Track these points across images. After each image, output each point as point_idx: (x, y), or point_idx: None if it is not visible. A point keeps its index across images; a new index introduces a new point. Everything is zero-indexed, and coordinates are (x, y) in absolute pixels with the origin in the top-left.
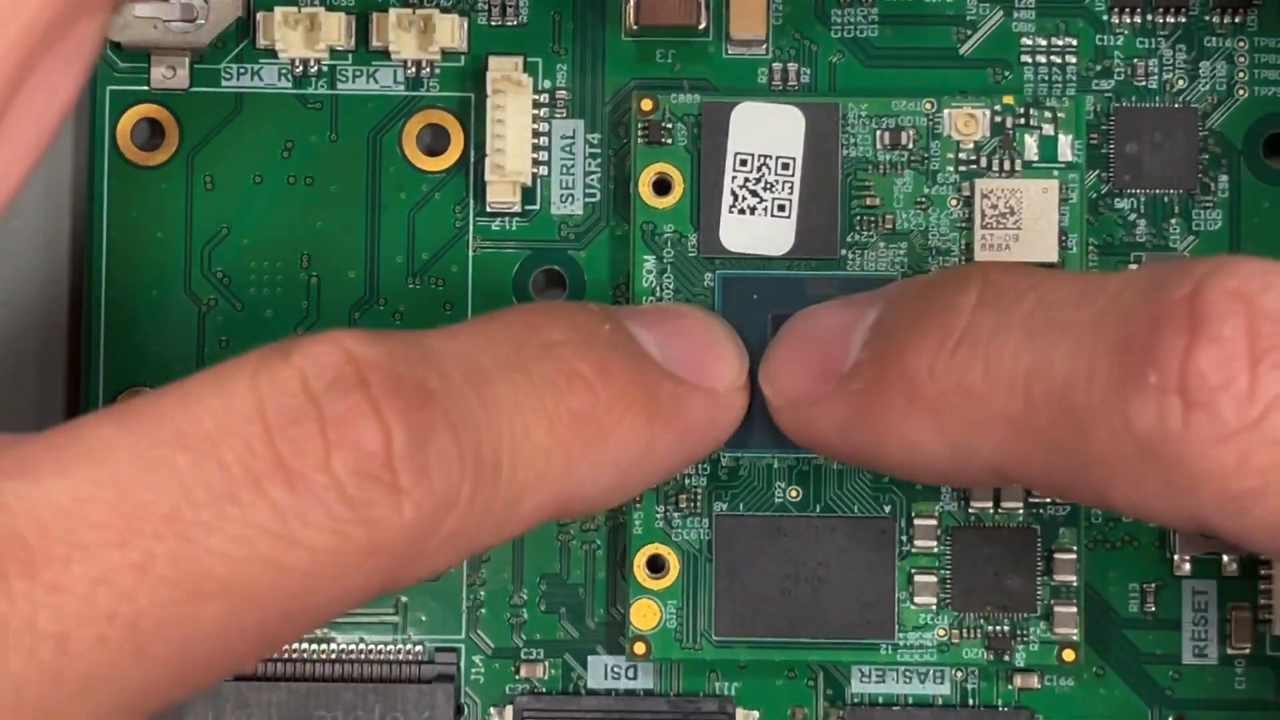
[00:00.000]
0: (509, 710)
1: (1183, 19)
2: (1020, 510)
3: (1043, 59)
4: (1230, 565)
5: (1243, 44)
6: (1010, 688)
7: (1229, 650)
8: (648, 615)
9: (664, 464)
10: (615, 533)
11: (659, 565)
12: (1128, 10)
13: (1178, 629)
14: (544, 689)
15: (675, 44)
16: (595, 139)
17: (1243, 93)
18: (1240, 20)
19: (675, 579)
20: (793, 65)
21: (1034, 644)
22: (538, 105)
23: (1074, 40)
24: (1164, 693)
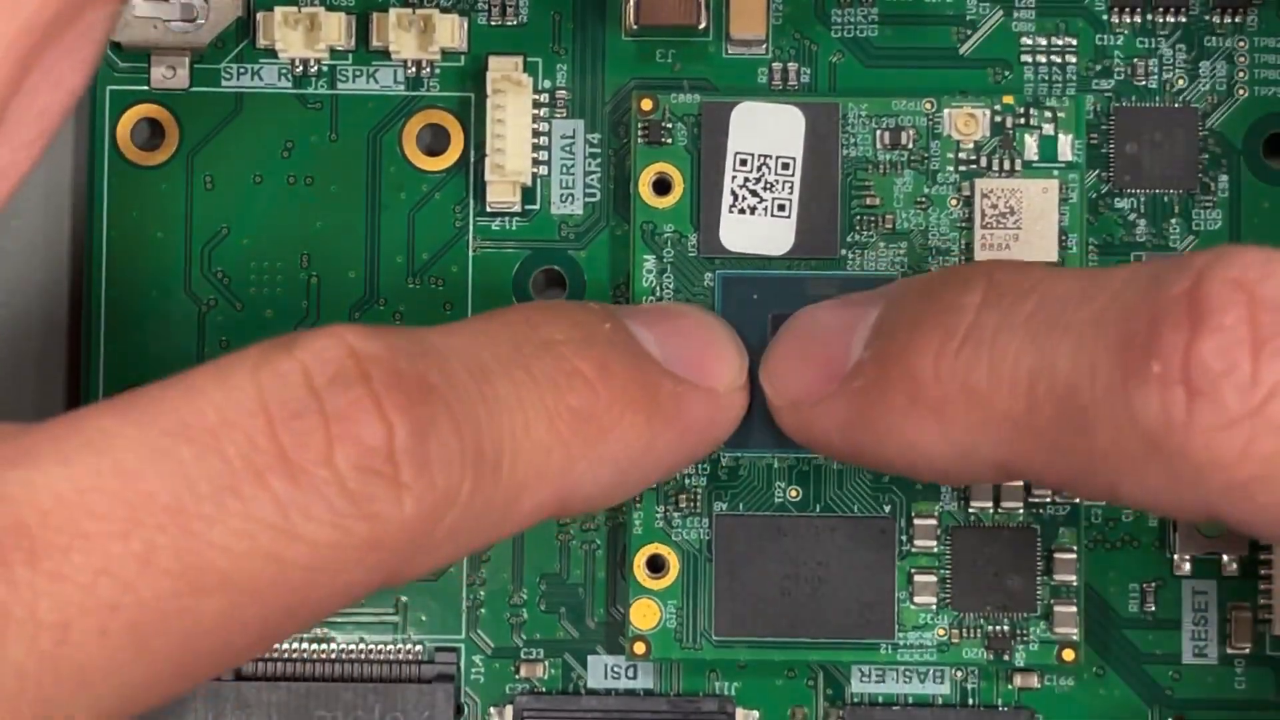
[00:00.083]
0: (509, 710)
1: (1183, 19)
2: (1020, 510)
3: (1043, 59)
4: (1230, 565)
5: (1243, 44)
6: (1010, 687)
7: (1229, 650)
8: (648, 615)
9: (664, 463)
10: (615, 532)
11: (659, 565)
12: (1128, 10)
13: (1178, 629)
14: (544, 689)
15: (675, 44)
16: (595, 139)
17: (1243, 93)
18: (1240, 20)
19: (675, 579)
20: (793, 65)
21: (1034, 644)
22: (538, 105)
23: (1074, 40)
24: (1164, 693)
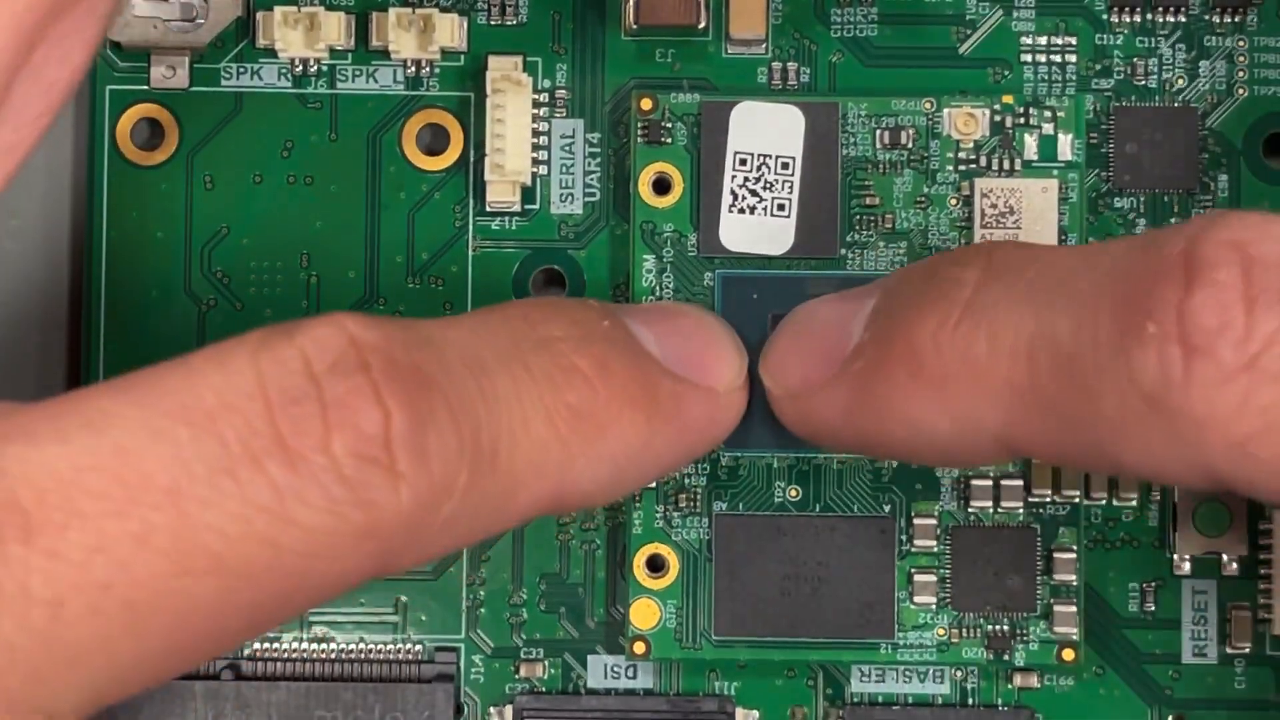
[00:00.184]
0: (509, 710)
1: (1183, 18)
2: (1020, 510)
3: (1042, 58)
4: (1230, 565)
5: (1243, 43)
6: (1010, 687)
7: (1229, 650)
8: (647, 615)
9: (661, 461)
10: (615, 532)
11: (659, 565)
12: (1127, 9)
13: (1177, 629)
14: (544, 689)
15: (675, 43)
16: (595, 138)
17: (1243, 92)
18: (1240, 20)
19: (675, 579)
20: (792, 65)
21: (1034, 643)
22: (537, 105)
23: (1074, 40)
24: (1164, 692)
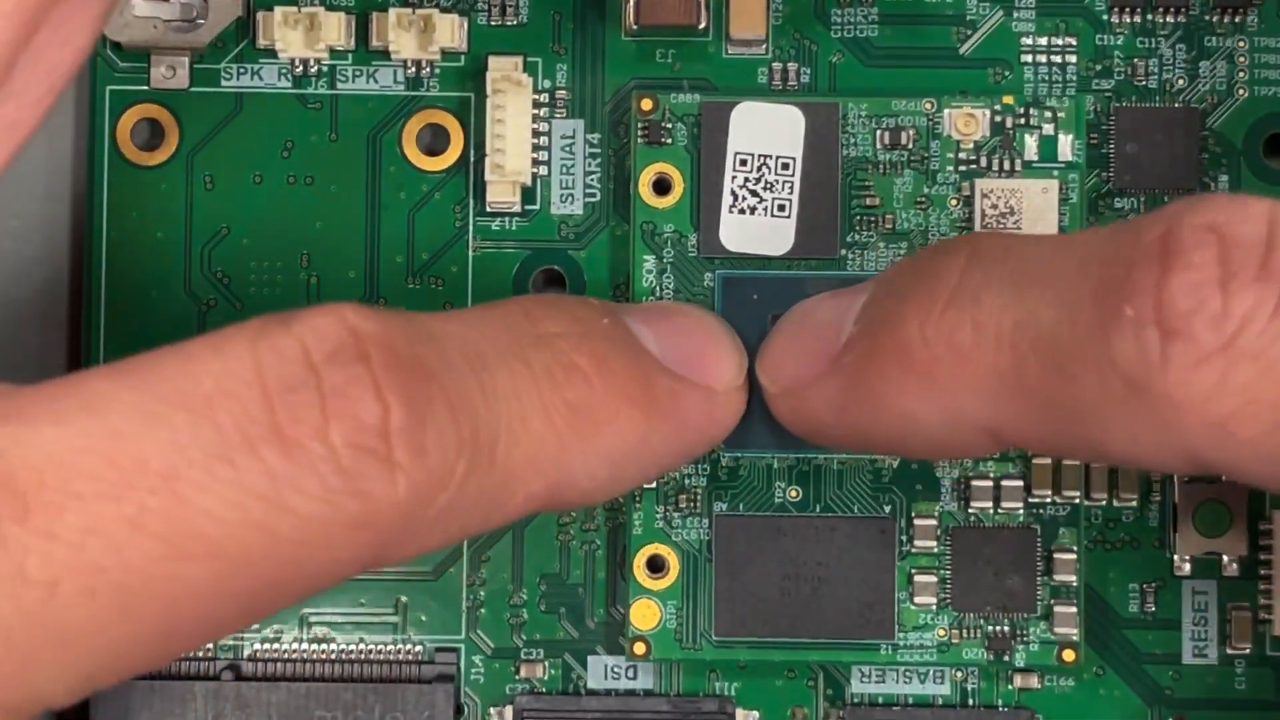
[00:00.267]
0: (509, 710)
1: (1183, 19)
2: (1020, 510)
3: (1042, 59)
4: (1230, 565)
5: (1243, 44)
6: (1010, 688)
7: (1229, 650)
8: (648, 615)
9: (659, 459)
10: (615, 533)
11: (659, 565)
12: (1128, 10)
13: (1178, 629)
14: (544, 689)
15: (675, 44)
16: (595, 139)
17: (1243, 92)
18: (1240, 20)
19: (675, 579)
20: (793, 65)
21: (1034, 644)
22: (538, 105)
23: (1074, 40)
24: (1164, 693)
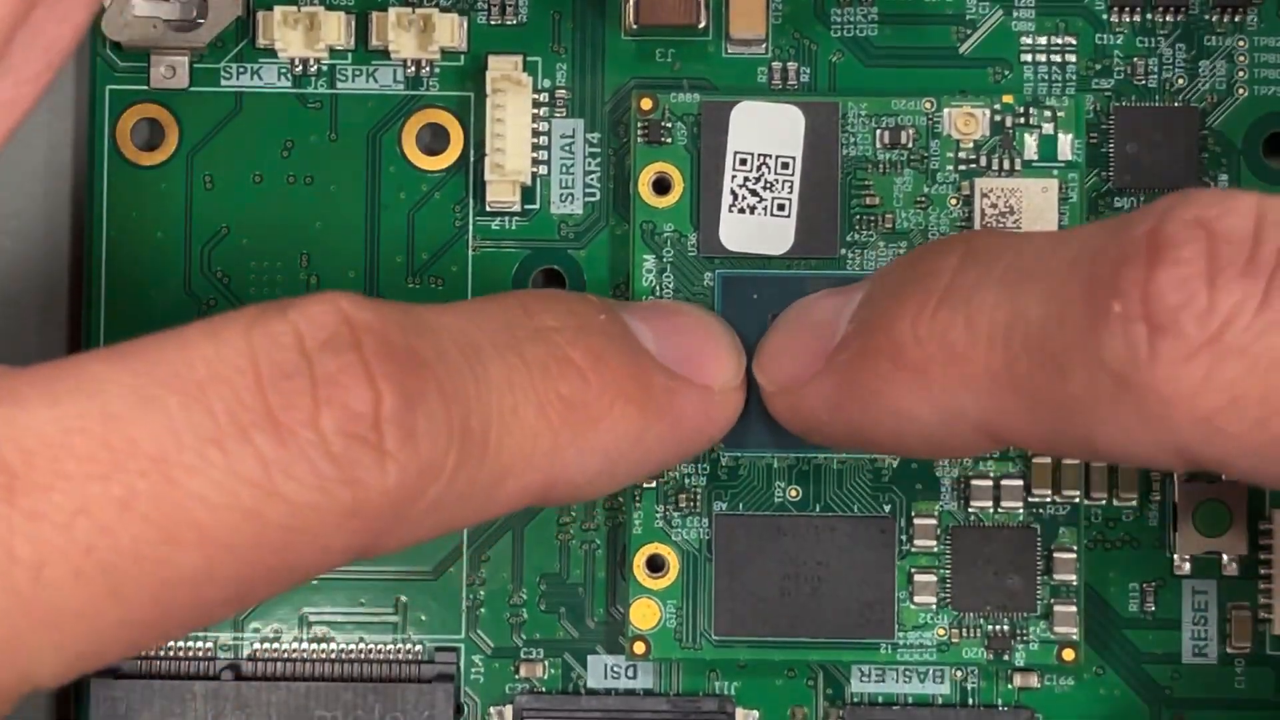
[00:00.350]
0: (509, 710)
1: (1182, 18)
2: (1020, 510)
3: (1042, 58)
4: (1230, 565)
5: (1243, 43)
6: (1010, 687)
7: (1229, 650)
8: (647, 615)
9: (653, 457)
10: (615, 532)
11: (659, 565)
12: (1127, 9)
13: (1178, 629)
14: (544, 689)
15: (675, 43)
16: (595, 138)
17: (1243, 92)
18: (1240, 19)
19: (675, 579)
20: (792, 65)
21: (1034, 644)
22: (537, 105)
23: (1073, 39)
24: (1164, 692)
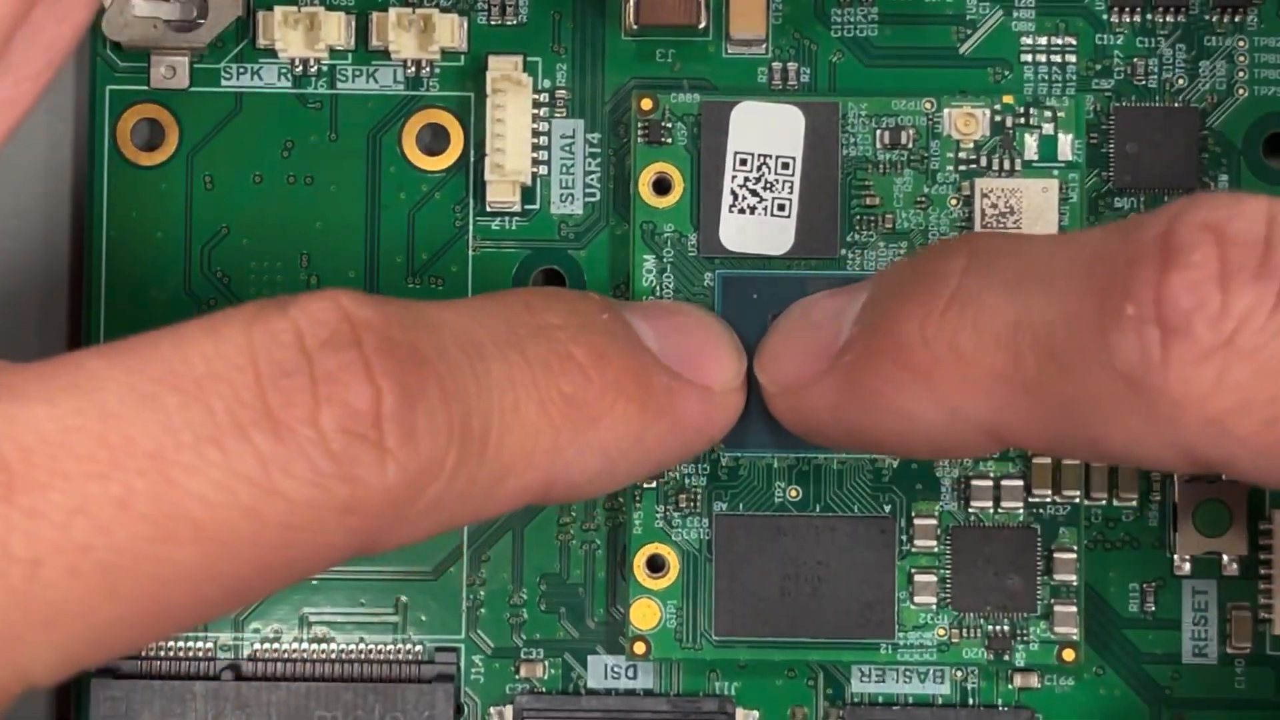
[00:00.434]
0: (509, 710)
1: (1182, 18)
2: (1020, 510)
3: (1042, 58)
4: (1230, 565)
5: (1243, 43)
6: (1010, 687)
7: (1229, 650)
8: (648, 615)
9: (653, 456)
10: (615, 532)
11: (659, 565)
12: (1127, 9)
13: (1178, 629)
14: (544, 689)
15: (675, 43)
16: (595, 138)
17: (1243, 92)
18: (1240, 20)
19: (675, 579)
20: (793, 65)
21: (1034, 644)
22: (537, 105)
23: (1074, 40)
24: (1164, 692)
